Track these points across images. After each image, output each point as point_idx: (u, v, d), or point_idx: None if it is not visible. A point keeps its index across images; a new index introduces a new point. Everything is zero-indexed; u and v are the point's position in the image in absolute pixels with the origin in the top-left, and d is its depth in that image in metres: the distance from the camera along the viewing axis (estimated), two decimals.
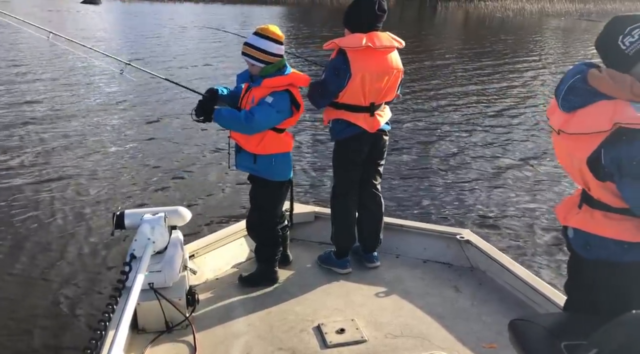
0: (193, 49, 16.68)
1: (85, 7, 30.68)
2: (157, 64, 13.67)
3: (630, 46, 1.74)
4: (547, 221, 5.60)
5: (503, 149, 7.97)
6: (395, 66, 3.17)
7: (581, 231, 1.97)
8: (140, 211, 2.95)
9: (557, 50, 19.66)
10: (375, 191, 3.45)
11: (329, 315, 2.97)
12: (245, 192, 5.93)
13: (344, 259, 3.44)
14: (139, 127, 8.51)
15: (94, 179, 6.40)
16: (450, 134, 8.66)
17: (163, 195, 6.00)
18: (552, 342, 1.79)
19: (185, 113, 9.35)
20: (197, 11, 30.76)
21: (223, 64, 14.10)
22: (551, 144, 2.14)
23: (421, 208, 5.84)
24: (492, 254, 3.37)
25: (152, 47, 16.82)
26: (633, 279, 1.92)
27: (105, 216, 5.34)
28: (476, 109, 10.42)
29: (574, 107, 1.83)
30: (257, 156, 3.06)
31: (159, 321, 2.75)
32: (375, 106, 3.18)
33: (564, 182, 6.60)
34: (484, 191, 6.38)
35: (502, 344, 2.71)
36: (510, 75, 14.23)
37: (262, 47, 2.95)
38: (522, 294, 3.09)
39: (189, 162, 7.04)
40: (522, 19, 28.91)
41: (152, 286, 2.71)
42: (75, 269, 4.47)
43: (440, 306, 3.08)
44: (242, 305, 3.08)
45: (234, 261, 3.54)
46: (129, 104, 9.87)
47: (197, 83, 11.37)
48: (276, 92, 2.95)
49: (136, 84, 10.97)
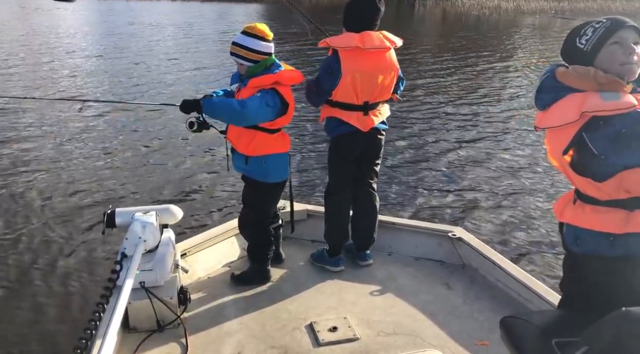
0: (173, 49, 16.33)
1: (57, 5, 29.39)
2: (138, 65, 13.32)
3: (586, 44, 1.89)
4: (539, 218, 5.63)
5: (493, 147, 8.00)
6: (387, 66, 3.16)
7: (572, 226, 2.00)
8: (132, 209, 2.93)
9: (535, 46, 19.74)
10: (370, 190, 3.44)
11: (322, 313, 2.97)
12: (237, 190, 5.95)
13: (337, 257, 3.44)
14: (128, 127, 8.45)
15: (84, 178, 6.36)
16: (441, 132, 8.68)
17: (154, 193, 5.97)
18: (543, 339, 1.79)
19: (174, 111, 9.33)
20: (175, 9, 29.94)
21: (205, 63, 13.92)
22: (541, 140, 2.18)
23: (413, 206, 5.86)
24: (484, 251, 3.38)
25: (129, 47, 16.37)
26: (619, 274, 1.94)
27: (95, 215, 5.31)
28: (465, 106, 10.44)
29: (546, 104, 1.93)
30: (248, 157, 3.02)
31: (150, 320, 2.74)
32: (370, 105, 3.18)
33: (556, 180, 6.64)
34: (475, 188, 6.41)
35: (494, 342, 2.72)
36: (494, 72, 14.22)
37: (248, 46, 2.92)
38: (514, 291, 3.10)
39: (180, 161, 7.02)
40: (498, 17, 29.07)
41: (144, 285, 2.70)
42: (65, 269, 4.44)
43: (433, 304, 3.09)
44: (234, 304, 3.07)
45: (226, 259, 3.52)
46: (118, 107, 9.83)
47: (180, 85, 11.28)
48: (263, 90, 2.89)
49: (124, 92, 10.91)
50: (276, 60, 3.04)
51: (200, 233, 3.60)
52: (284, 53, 13.32)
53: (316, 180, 6.37)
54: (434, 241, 3.60)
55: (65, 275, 4.34)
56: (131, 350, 2.62)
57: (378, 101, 3.22)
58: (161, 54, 15.45)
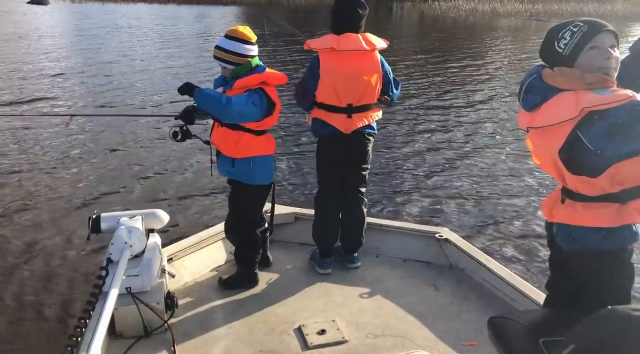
0: (152, 54, 15.99)
1: (32, 9, 28.71)
2: (116, 74, 12.87)
3: (565, 48, 1.92)
4: (525, 218, 5.68)
5: (477, 148, 8.06)
6: (368, 69, 3.14)
7: (564, 225, 2.01)
8: (117, 214, 2.90)
9: (512, 48, 19.96)
10: (358, 195, 3.43)
11: (310, 316, 2.97)
12: (224, 195, 5.92)
13: (324, 259, 3.45)
14: (112, 133, 8.37)
15: (69, 183, 6.29)
16: (426, 134, 8.71)
17: (140, 198, 5.92)
18: (530, 339, 1.81)
19: (160, 115, 9.26)
20: (152, 12, 29.42)
21: (184, 68, 13.68)
22: (522, 140, 2.20)
23: (400, 208, 5.87)
24: (471, 252, 3.41)
25: (106, 52, 16.00)
26: (610, 270, 1.97)
27: (80, 220, 5.24)
28: (446, 109, 10.47)
29: (535, 105, 1.96)
30: (235, 159, 3.02)
31: (137, 326, 2.71)
32: (354, 108, 3.18)
33: (541, 180, 6.70)
34: (462, 189, 6.44)
35: (481, 342, 2.73)
36: (472, 74, 14.21)
37: (231, 49, 2.92)
38: (501, 291, 3.13)
39: (166, 165, 6.96)
40: (475, 19, 29.38)
41: (130, 290, 2.67)
42: (49, 275, 4.37)
43: (421, 305, 3.10)
44: (222, 308, 3.05)
45: (213, 264, 3.50)
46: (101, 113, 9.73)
47: (158, 90, 11.17)
48: (250, 90, 2.91)
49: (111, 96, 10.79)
50: (260, 63, 3.04)
51: (187, 238, 3.58)
52: (259, 56, 13.15)
53: (305, 183, 6.36)
54: (422, 243, 3.62)
55: (50, 282, 4.27)
56: None
57: (363, 104, 3.21)
58: (139, 58, 15.13)
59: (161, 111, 9.47)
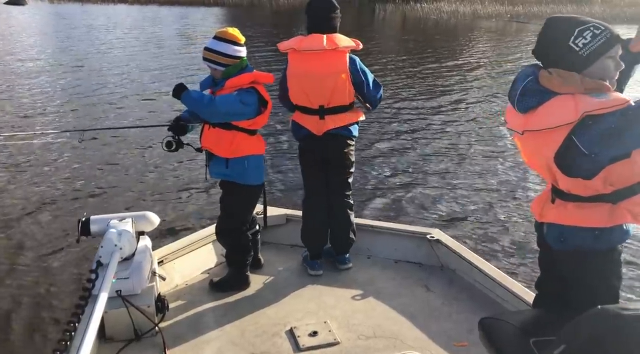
0: (134, 56, 15.69)
1: (9, 9, 27.87)
2: (98, 78, 12.56)
3: (584, 48, 1.82)
4: (515, 218, 5.72)
5: (468, 149, 8.09)
6: (331, 69, 3.08)
7: (555, 225, 2.01)
8: (107, 216, 2.88)
9: (494, 49, 20.08)
10: (342, 199, 3.41)
11: (302, 318, 2.96)
12: (214, 197, 5.90)
13: (315, 260, 3.44)
14: (103, 136, 8.31)
15: (59, 184, 6.23)
16: (416, 135, 8.74)
17: (130, 201, 5.88)
18: (521, 339, 1.82)
19: (149, 119, 9.23)
20: (132, 13, 28.46)
21: (169, 70, 13.48)
22: (513, 142, 2.20)
23: (391, 209, 5.88)
24: (462, 253, 3.42)
25: (87, 54, 15.63)
26: (600, 269, 1.98)
27: (70, 222, 5.19)
28: (435, 108, 10.52)
29: (529, 107, 1.92)
30: (228, 160, 3.02)
31: (127, 330, 2.69)
32: (327, 110, 3.15)
33: (531, 179, 6.75)
34: (452, 190, 6.47)
35: (472, 342, 2.74)
36: (456, 75, 14.30)
37: (221, 51, 2.93)
38: (491, 291, 3.14)
39: (155, 169, 6.92)
40: (456, 21, 29.53)
41: (120, 293, 2.65)
42: (38, 278, 4.33)
43: (412, 306, 3.10)
44: (213, 311, 3.03)
45: (204, 266, 3.49)
46: (84, 114, 9.66)
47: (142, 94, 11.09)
48: (242, 89, 2.93)
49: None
50: (248, 64, 3.06)
51: (178, 240, 3.56)
52: None
53: (296, 184, 6.34)
54: (413, 244, 3.63)
55: (38, 285, 4.23)
56: None
57: (335, 105, 3.16)
58: (121, 61, 14.86)
59: (147, 115, 9.44)
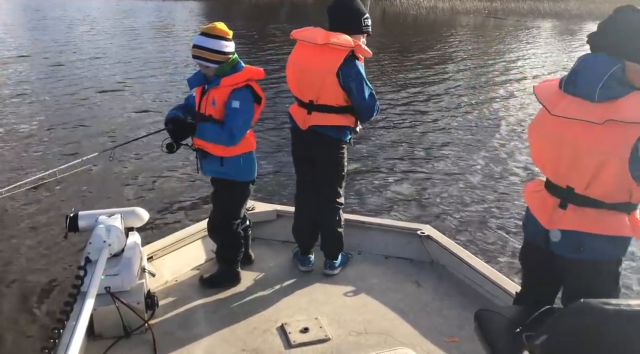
0: (107, 49, 15.14)
1: None
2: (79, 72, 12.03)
3: None
4: (505, 214, 5.75)
5: (457, 145, 8.13)
6: (321, 67, 2.98)
7: (572, 232, 1.95)
8: (95, 212, 2.85)
9: (477, 44, 20.17)
10: (328, 203, 3.31)
11: (293, 314, 2.95)
12: (204, 192, 5.87)
13: (305, 256, 3.43)
14: (89, 131, 8.23)
15: (45, 183, 6.15)
16: (405, 131, 8.76)
17: (119, 197, 5.82)
18: (514, 333, 1.83)
19: (133, 112, 9.15)
20: (107, 6, 26.71)
21: (150, 68, 12.93)
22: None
23: (382, 205, 5.89)
24: (452, 248, 3.43)
25: (59, 49, 14.92)
26: (614, 276, 1.97)
27: (57, 218, 5.14)
28: (426, 104, 10.56)
29: (613, 97, 1.83)
30: (223, 158, 2.99)
31: (116, 327, 2.67)
32: (315, 106, 3.08)
33: (521, 176, 6.80)
34: (443, 186, 6.49)
35: (463, 338, 2.76)
36: (443, 70, 14.31)
37: (212, 47, 2.86)
38: (482, 287, 3.15)
39: (145, 165, 6.86)
40: (435, 16, 29.59)
41: (109, 290, 2.62)
42: (25, 275, 4.28)
43: (403, 302, 3.11)
44: (203, 307, 3.02)
45: (194, 262, 3.46)
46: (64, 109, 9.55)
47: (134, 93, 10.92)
48: (237, 90, 2.88)
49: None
50: (239, 59, 3.02)
51: (167, 236, 3.53)
52: None
53: (287, 180, 6.33)
54: (403, 239, 3.63)
55: (26, 282, 4.18)
56: None
57: (323, 103, 3.07)
58: (95, 54, 14.41)
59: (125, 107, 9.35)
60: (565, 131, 1.93)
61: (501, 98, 11.36)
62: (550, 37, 23.30)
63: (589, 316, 1.47)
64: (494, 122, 9.49)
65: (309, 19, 22.50)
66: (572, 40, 22.51)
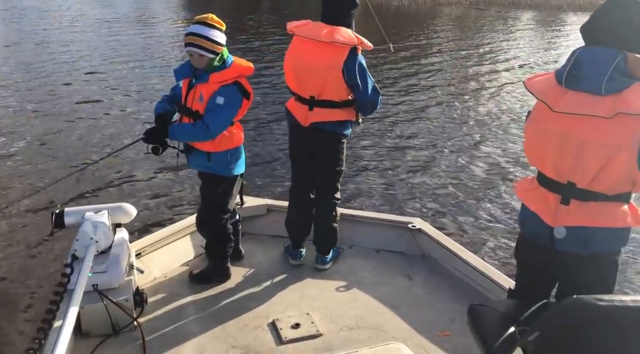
0: (82, 41, 14.48)
1: None
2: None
3: None
4: (496, 207, 5.77)
5: (448, 138, 8.14)
6: (324, 63, 2.95)
7: (579, 228, 1.92)
8: (82, 208, 2.80)
9: (455, 34, 20.16)
10: (325, 199, 3.30)
11: (284, 310, 2.93)
12: (192, 187, 5.82)
13: (297, 250, 3.41)
14: (77, 126, 8.11)
15: (31, 176, 6.06)
16: (396, 125, 8.75)
17: (106, 193, 5.75)
18: (507, 327, 1.82)
19: (118, 111, 9.05)
20: (89, 3, 25.10)
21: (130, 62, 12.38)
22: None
23: (373, 198, 5.89)
24: (444, 242, 3.42)
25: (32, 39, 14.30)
26: (614, 269, 1.97)
27: (43, 215, 5.06)
28: (417, 97, 10.56)
29: (618, 89, 1.81)
30: (210, 153, 2.95)
31: (104, 325, 2.62)
32: (317, 102, 3.05)
33: (512, 169, 6.82)
34: (434, 180, 6.50)
35: (455, 332, 2.75)
36: (430, 63, 14.21)
37: (209, 36, 2.82)
38: (473, 280, 3.15)
39: (131, 160, 6.77)
40: (417, 7, 29.54)
41: (97, 287, 2.58)
42: (10, 273, 4.21)
43: (394, 296, 3.09)
44: (193, 304, 2.98)
45: (183, 258, 3.42)
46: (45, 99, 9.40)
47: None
48: (225, 86, 2.84)
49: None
50: (229, 54, 2.98)
51: (156, 232, 3.49)
52: None
53: (277, 174, 6.30)
54: (394, 233, 3.62)
55: (10, 280, 4.11)
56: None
57: (326, 99, 3.04)
58: (70, 44, 13.91)
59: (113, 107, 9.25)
60: (571, 126, 1.89)
61: (490, 91, 11.38)
62: (530, 28, 23.46)
63: (582, 312, 1.46)
64: (483, 114, 9.52)
65: (290, 11, 22.26)
66: (552, 31, 22.77)
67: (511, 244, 4.87)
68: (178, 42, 13.92)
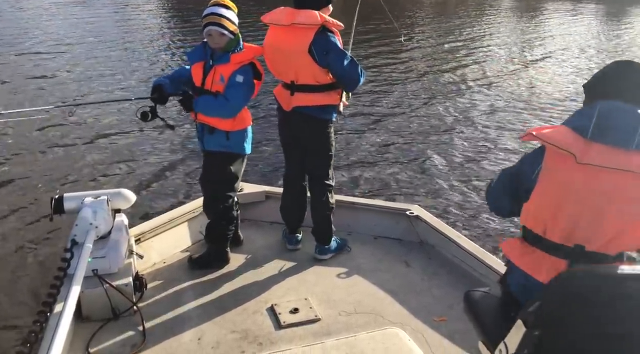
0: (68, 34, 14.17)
1: None
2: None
3: None
4: None
5: (447, 126, 8.14)
6: (292, 48, 2.91)
7: None
8: (81, 194, 2.81)
9: (444, 23, 20.07)
10: (317, 185, 3.28)
11: (283, 295, 2.95)
12: (191, 172, 5.83)
13: (293, 235, 3.44)
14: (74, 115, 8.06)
15: (30, 162, 6.06)
16: (394, 112, 8.74)
17: (105, 179, 5.75)
18: (504, 312, 1.84)
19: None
20: None
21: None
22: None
23: (371, 185, 5.90)
24: (441, 228, 3.44)
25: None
26: None
27: (42, 200, 5.07)
28: (412, 84, 10.54)
29: None
30: (229, 132, 3.02)
31: (104, 309, 2.65)
32: (297, 86, 3.03)
33: (509, 158, 6.82)
34: (431, 167, 6.50)
35: (452, 317, 2.78)
36: (423, 50, 14.20)
37: (230, 18, 2.92)
38: (470, 266, 3.17)
39: (130, 146, 6.77)
40: None
41: (96, 272, 2.60)
42: (10, 258, 4.23)
43: (392, 282, 3.12)
44: (192, 289, 3.00)
45: (182, 243, 3.44)
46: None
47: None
48: (244, 66, 2.93)
49: None
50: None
51: (155, 217, 3.50)
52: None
53: (276, 160, 6.29)
54: (392, 220, 3.63)
55: (10, 265, 4.13)
56: (85, 340, 2.53)
57: (304, 83, 3.01)
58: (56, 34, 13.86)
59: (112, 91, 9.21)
60: (598, 180, 1.74)
61: (490, 78, 11.35)
62: (513, 15, 23.54)
63: (582, 280, 1.48)
64: (478, 101, 9.49)
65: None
66: (533, 17, 23.03)
67: (509, 230, 4.90)
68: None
